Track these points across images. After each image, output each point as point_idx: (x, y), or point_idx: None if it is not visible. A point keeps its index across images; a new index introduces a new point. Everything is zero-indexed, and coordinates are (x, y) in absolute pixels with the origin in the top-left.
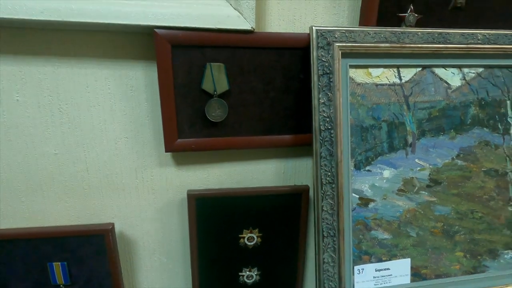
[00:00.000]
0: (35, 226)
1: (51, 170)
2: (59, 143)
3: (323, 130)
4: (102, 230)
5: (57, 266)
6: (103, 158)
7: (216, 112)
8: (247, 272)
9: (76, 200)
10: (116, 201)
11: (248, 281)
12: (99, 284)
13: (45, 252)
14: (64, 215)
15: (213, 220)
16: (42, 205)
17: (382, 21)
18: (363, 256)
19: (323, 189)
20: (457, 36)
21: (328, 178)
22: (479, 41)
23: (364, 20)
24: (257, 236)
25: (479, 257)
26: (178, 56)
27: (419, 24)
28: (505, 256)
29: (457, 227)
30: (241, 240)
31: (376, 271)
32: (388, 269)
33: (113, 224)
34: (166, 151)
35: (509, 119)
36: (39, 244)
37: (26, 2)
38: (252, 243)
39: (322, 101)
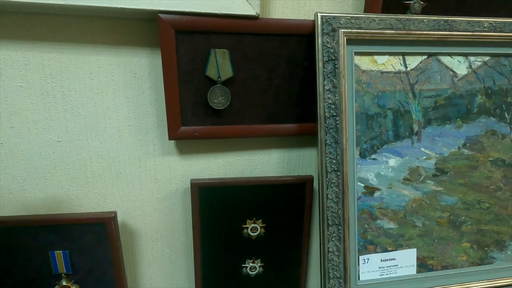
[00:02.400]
0: (37, 213)
1: (54, 158)
2: (62, 130)
3: (328, 117)
4: (104, 218)
5: (58, 255)
6: (106, 146)
7: (218, 99)
8: (251, 264)
9: (79, 189)
10: (119, 190)
11: (251, 272)
12: (101, 273)
13: (46, 241)
14: (67, 203)
15: (216, 210)
16: (44, 193)
17: (387, 9)
18: (368, 245)
19: (328, 177)
20: (463, 24)
21: (333, 166)
22: (485, 29)
23: (369, 8)
24: (261, 227)
25: (486, 248)
26: (182, 41)
27: (424, 12)
28: None
29: (463, 217)
30: (245, 230)
31: (381, 261)
32: (394, 259)
33: (115, 213)
34: (170, 138)
35: None
36: (41, 232)
37: None
38: (255, 234)
39: (327, 87)
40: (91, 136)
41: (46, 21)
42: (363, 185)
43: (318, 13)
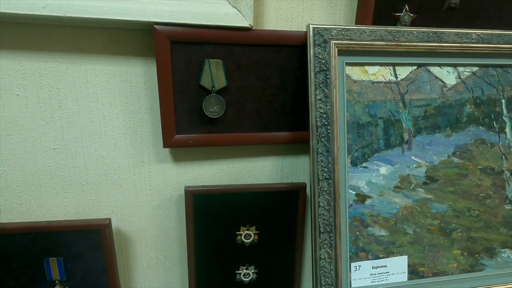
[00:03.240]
0: (32, 221)
1: (50, 165)
2: (58, 138)
3: (319, 126)
4: (98, 225)
5: (53, 262)
6: (101, 153)
7: (213, 108)
8: (244, 270)
9: (74, 196)
10: (113, 197)
11: (245, 279)
12: (95, 280)
13: (41, 247)
14: (62, 210)
15: (210, 217)
16: (40, 200)
17: (377, 21)
18: (359, 253)
19: (320, 185)
20: (452, 35)
21: (324, 174)
22: (473, 41)
23: (360, 20)
24: (254, 234)
25: (476, 255)
26: (177, 52)
27: (414, 24)
28: (502, 254)
29: (454, 224)
30: (238, 237)
31: (373, 268)
32: (385, 266)
33: (110, 219)
34: (164, 146)
35: (504, 118)
36: (35, 239)
37: None
38: (249, 240)
39: (319, 97)
40: (87, 143)
41: (43, 31)
42: (354, 192)
43: (310, 25)
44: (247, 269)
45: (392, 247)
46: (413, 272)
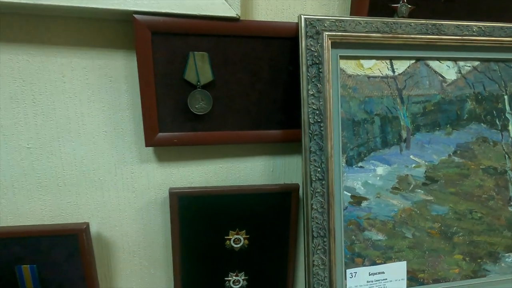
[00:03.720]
0: (3, 225)
1: (24, 166)
2: (32, 136)
3: (312, 123)
4: (75, 230)
5: (25, 270)
6: (79, 153)
7: (199, 104)
8: (234, 277)
9: (50, 198)
10: (93, 199)
11: (234, 286)
12: None
13: (13, 254)
14: (37, 214)
15: (197, 220)
16: (13, 203)
17: (373, 12)
18: (355, 258)
19: (313, 186)
20: (452, 28)
21: (318, 175)
22: (474, 33)
23: (355, 11)
24: (244, 238)
25: (479, 260)
26: (159, 44)
27: (411, 15)
28: (507, 259)
29: (455, 228)
30: (227, 242)
31: (369, 275)
32: (383, 272)
33: (87, 224)
34: (147, 145)
35: (507, 115)
36: (7, 245)
37: None
38: (238, 245)
39: (311, 92)
40: (64, 142)
41: (15, 22)
42: (349, 194)
43: (302, 16)
44: (237, 275)
45: (390, 252)
46: (413, 278)
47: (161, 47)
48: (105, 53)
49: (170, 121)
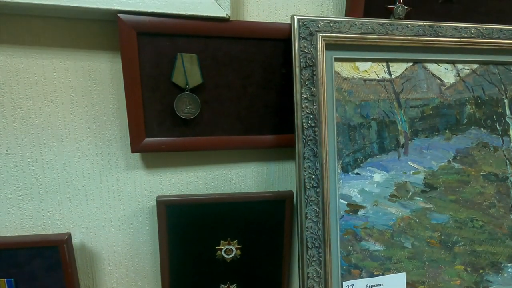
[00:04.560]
0: None
1: (2, 173)
2: (11, 142)
3: (306, 128)
4: (56, 241)
5: (2, 284)
6: (62, 159)
7: (186, 108)
8: None
9: (31, 207)
10: (76, 208)
11: None
12: None
13: None
14: (17, 224)
15: (186, 230)
16: None
17: (369, 13)
18: (352, 270)
19: (307, 194)
20: (450, 30)
21: (312, 182)
22: (472, 35)
23: (350, 12)
24: (236, 248)
25: (481, 270)
26: (145, 45)
27: (408, 17)
28: (509, 270)
29: (456, 237)
30: (218, 252)
31: (367, 287)
32: (381, 285)
33: (69, 234)
34: (133, 151)
35: (507, 119)
36: None
37: None
38: (230, 256)
39: (305, 96)
40: (45, 148)
41: None
42: (346, 202)
43: (295, 16)
44: (228, 287)
45: (388, 263)
46: None
47: (147, 48)
48: (89, 55)
49: (157, 125)
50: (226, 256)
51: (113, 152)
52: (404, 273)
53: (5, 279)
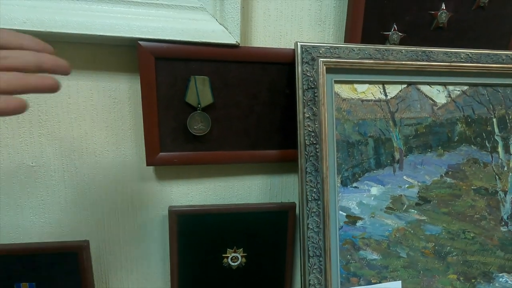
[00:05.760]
0: (4, 243)
1: (27, 183)
2: (36, 155)
3: (308, 145)
4: (75, 248)
5: (25, 287)
6: (82, 171)
7: (198, 125)
8: None
9: (51, 216)
10: (93, 217)
11: None
12: None
13: (12, 271)
14: (37, 231)
15: (195, 238)
16: (15, 220)
17: (366, 40)
18: (351, 278)
19: (309, 206)
20: (440, 55)
21: (313, 195)
22: (462, 60)
23: (349, 38)
24: (242, 256)
25: (473, 280)
26: (162, 68)
27: (402, 42)
28: (500, 279)
29: (449, 247)
30: (225, 260)
31: None
32: None
33: (88, 242)
34: (148, 164)
35: (496, 137)
36: (6, 262)
37: (9, 12)
38: (236, 263)
39: (307, 115)
40: (67, 161)
41: None
42: (345, 214)
43: (298, 43)
44: None
45: (385, 271)
46: None
47: (164, 71)
48: (110, 76)
49: (171, 141)
50: (232, 264)
51: (128, 165)
52: (400, 282)
53: (28, 283)
